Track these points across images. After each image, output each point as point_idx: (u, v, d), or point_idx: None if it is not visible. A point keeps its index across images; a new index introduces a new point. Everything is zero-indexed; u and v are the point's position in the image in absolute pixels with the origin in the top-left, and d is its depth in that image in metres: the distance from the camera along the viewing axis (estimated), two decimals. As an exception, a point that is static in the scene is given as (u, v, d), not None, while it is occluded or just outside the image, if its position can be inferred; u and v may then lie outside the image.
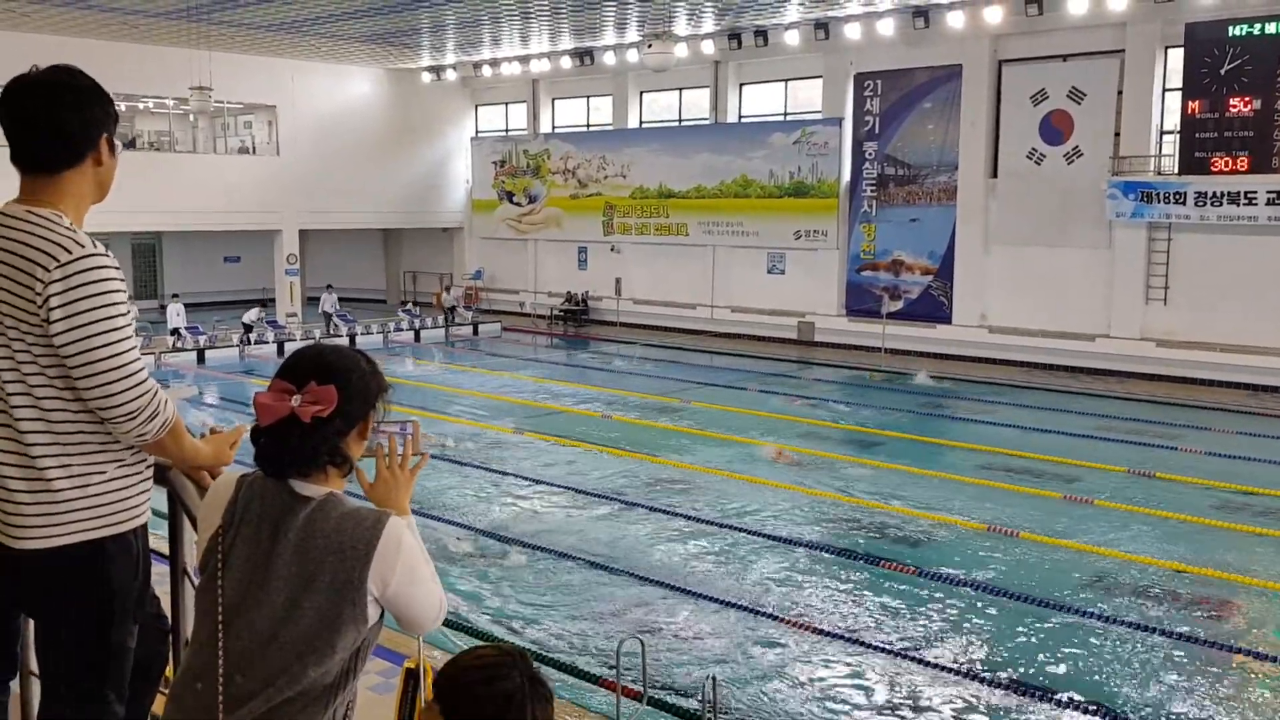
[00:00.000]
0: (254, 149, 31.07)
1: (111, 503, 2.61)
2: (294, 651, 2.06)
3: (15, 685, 3.02)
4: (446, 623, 8.76)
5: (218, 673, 2.08)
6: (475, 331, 29.31)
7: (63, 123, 2.53)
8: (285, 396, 2.11)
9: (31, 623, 2.84)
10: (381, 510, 2.17)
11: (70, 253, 2.45)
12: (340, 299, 28.74)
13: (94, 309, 2.45)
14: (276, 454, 2.16)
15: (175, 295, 26.25)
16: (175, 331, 24.69)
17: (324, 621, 2.07)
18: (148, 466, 2.73)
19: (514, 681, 2.02)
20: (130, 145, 28.37)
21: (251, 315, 25.58)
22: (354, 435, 2.21)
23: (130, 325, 2.53)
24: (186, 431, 2.67)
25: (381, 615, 2.17)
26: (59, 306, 2.43)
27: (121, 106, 28.52)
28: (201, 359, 23.99)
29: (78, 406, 2.53)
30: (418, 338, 28.27)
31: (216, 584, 2.14)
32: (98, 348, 2.45)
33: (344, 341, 26.19)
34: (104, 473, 2.59)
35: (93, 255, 2.48)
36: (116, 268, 2.55)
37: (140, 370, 2.51)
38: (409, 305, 30.41)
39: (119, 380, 2.47)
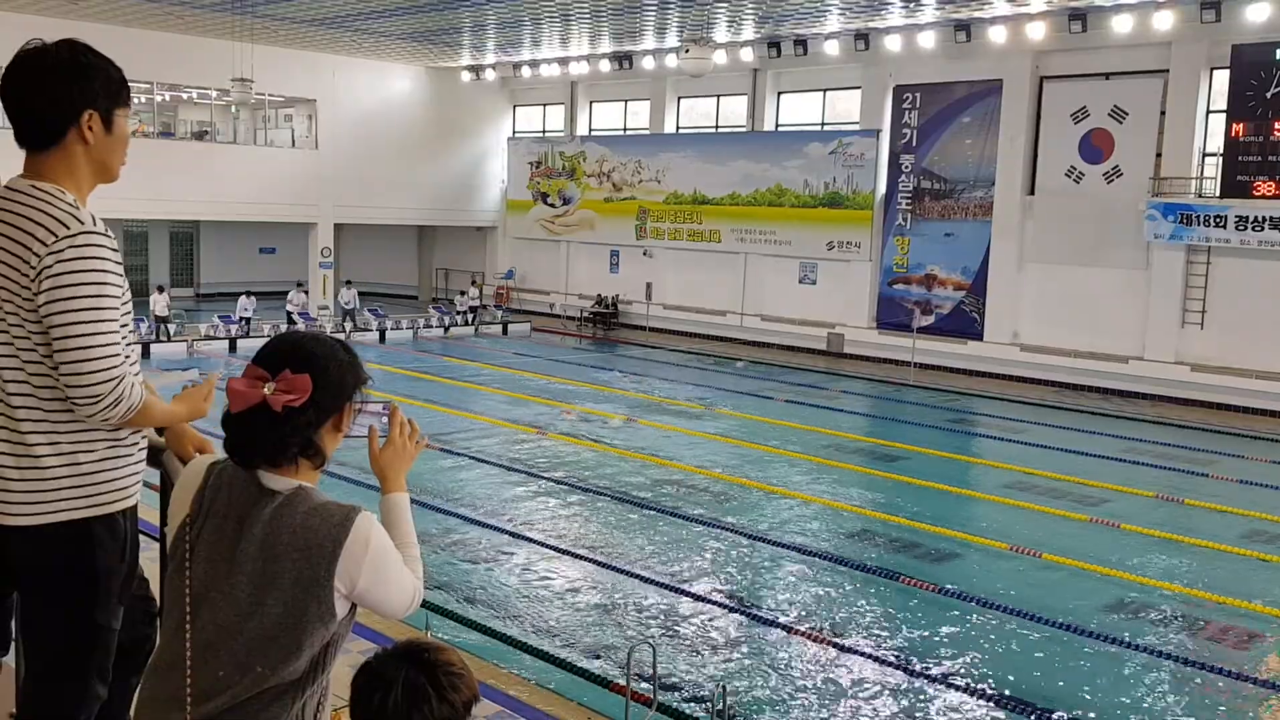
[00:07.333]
0: (294, 142, 31.35)
1: (100, 482, 2.57)
2: (259, 647, 2.01)
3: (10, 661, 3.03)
4: (455, 618, 8.78)
5: (185, 663, 2.04)
6: (504, 331, 29.45)
7: (34, 101, 2.49)
8: (259, 384, 2.04)
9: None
10: (350, 506, 2.09)
11: (68, 228, 2.43)
12: (373, 294, 28.89)
13: (82, 284, 2.42)
14: (245, 442, 2.08)
15: (250, 293, 26.43)
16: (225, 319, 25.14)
17: (289, 618, 2.02)
18: (140, 449, 2.69)
19: (393, 687, 1.96)
20: (168, 134, 28.70)
21: (247, 303, 25.73)
22: (328, 427, 2.14)
23: (117, 309, 2.48)
24: (157, 403, 2.59)
25: (353, 610, 2.12)
26: (49, 279, 2.40)
27: (165, 96, 29.03)
28: (234, 348, 24.23)
29: None
30: (447, 334, 28.43)
31: (184, 574, 2.10)
32: (78, 323, 2.41)
33: (373, 336, 26.42)
34: (94, 451, 2.55)
35: (91, 233, 2.45)
36: (114, 249, 2.51)
37: (114, 355, 2.45)
38: (464, 294, 30.39)
39: (89, 361, 2.42)
